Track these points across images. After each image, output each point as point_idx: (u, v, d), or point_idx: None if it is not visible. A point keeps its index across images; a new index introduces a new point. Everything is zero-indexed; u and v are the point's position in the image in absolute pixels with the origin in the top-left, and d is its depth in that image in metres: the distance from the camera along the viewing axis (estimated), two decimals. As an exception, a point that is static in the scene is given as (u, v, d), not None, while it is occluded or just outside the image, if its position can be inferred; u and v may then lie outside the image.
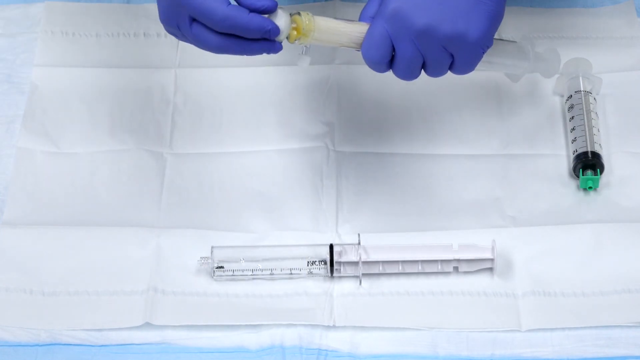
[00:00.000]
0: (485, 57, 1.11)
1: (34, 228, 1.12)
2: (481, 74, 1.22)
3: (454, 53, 1.00)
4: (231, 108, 1.22)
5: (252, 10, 0.97)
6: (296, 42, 1.00)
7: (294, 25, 1.00)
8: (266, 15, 0.98)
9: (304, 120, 1.20)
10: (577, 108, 1.18)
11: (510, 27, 1.28)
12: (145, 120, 1.21)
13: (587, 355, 1.03)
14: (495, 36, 1.27)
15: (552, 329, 1.05)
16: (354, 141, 1.19)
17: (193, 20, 0.97)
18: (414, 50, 1.00)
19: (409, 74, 1.02)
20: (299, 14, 1.00)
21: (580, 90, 1.19)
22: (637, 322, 1.05)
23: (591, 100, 1.19)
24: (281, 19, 0.99)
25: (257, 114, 1.21)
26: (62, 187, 1.15)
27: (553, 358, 1.03)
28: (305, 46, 1.02)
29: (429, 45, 0.99)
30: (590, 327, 1.05)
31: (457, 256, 1.07)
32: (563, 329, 1.05)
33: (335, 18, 1.02)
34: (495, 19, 1.00)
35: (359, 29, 1.01)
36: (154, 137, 1.19)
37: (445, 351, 1.04)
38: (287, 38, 1.00)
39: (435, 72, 1.02)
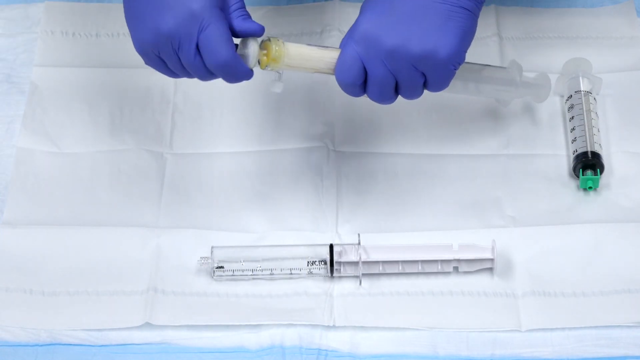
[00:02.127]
0: (473, 84, 1.12)
1: (34, 228, 1.12)
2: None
3: (425, 72, 1.01)
4: (231, 108, 1.22)
5: (239, 30, 1.00)
6: (267, 68, 1.01)
7: (265, 52, 1.01)
8: (237, 40, 1.00)
9: (304, 120, 1.20)
10: (577, 108, 1.18)
11: (510, 27, 1.28)
12: (145, 120, 1.21)
13: (587, 355, 1.03)
14: (496, 38, 1.28)
15: (552, 329, 1.05)
16: (354, 141, 1.19)
17: (197, 49, 0.99)
18: (385, 71, 1.00)
19: (382, 96, 1.02)
20: (269, 40, 1.00)
21: (580, 90, 1.19)
22: (637, 322, 1.05)
23: (591, 100, 1.19)
24: (250, 46, 1.00)
25: (257, 114, 1.21)
26: (62, 187, 1.15)
27: (553, 358, 1.03)
28: (278, 72, 1.02)
29: (400, 65, 1.00)
30: (590, 327, 1.05)
31: (457, 256, 1.07)
32: (563, 329, 1.05)
33: (308, 44, 1.03)
34: (466, 35, 1.00)
35: (331, 54, 1.02)
36: (154, 137, 1.19)
37: (445, 351, 1.04)
38: (258, 64, 1.01)
39: (409, 93, 1.03)
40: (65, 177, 1.16)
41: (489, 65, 1.15)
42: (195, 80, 1.23)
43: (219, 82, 1.23)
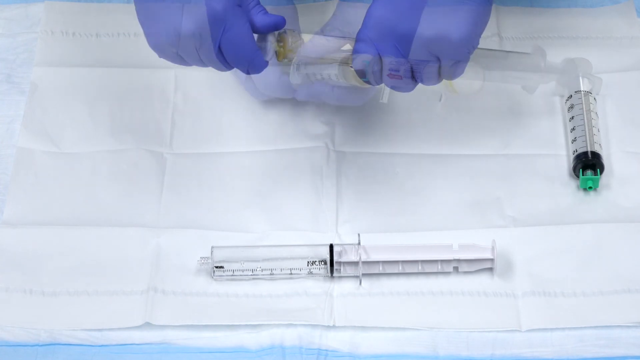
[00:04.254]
0: (498, 72, 1.11)
1: (34, 228, 1.12)
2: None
3: (439, 56, 1.01)
4: (231, 108, 1.22)
5: (262, 25, 1.01)
6: (284, 60, 1.02)
7: (281, 44, 1.01)
8: (256, 36, 1.01)
9: (304, 120, 1.20)
10: (577, 108, 1.18)
11: (510, 27, 1.28)
12: (145, 120, 1.21)
13: (587, 355, 1.03)
14: (496, 38, 1.28)
15: (552, 329, 1.05)
16: (354, 141, 1.19)
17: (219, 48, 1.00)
18: (399, 56, 1.00)
19: (399, 83, 1.03)
20: (285, 32, 1.01)
21: (580, 90, 1.19)
22: (637, 322, 1.05)
23: (591, 100, 1.19)
24: (267, 40, 1.01)
25: (257, 114, 1.21)
26: (62, 187, 1.15)
27: (553, 358, 1.03)
28: (296, 64, 1.03)
29: (413, 50, 1.00)
30: (590, 327, 1.05)
31: (457, 256, 1.07)
32: (563, 329, 1.05)
33: (324, 35, 1.03)
34: (479, 19, 1.01)
35: (347, 44, 1.03)
36: (154, 137, 1.19)
37: (445, 351, 1.04)
38: (275, 55, 1.01)
39: (425, 78, 1.03)
40: (65, 177, 1.16)
41: (512, 52, 1.15)
42: (195, 80, 1.24)
43: (219, 82, 1.24)
